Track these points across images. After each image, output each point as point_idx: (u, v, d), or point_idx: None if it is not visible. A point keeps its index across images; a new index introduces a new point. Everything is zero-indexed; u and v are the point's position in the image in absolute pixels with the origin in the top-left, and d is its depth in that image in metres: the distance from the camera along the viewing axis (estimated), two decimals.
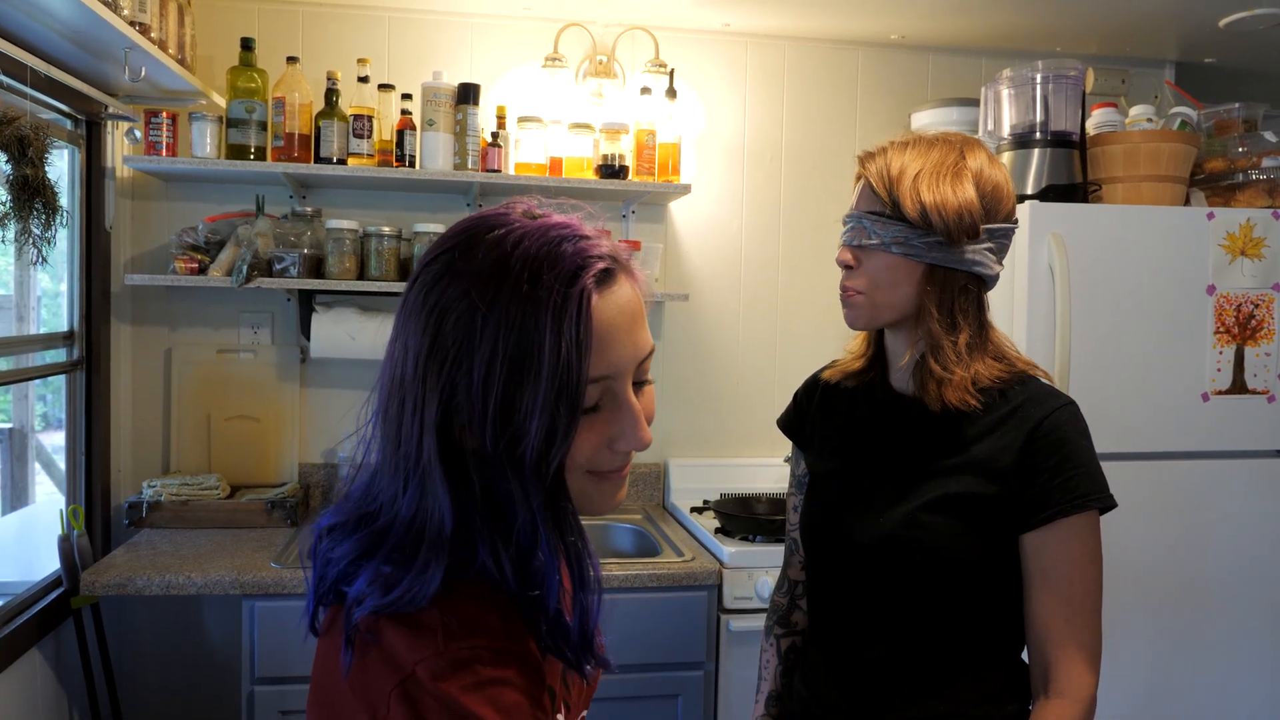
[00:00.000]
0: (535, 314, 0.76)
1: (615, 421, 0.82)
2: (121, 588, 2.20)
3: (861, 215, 1.27)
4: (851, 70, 3.15)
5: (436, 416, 0.78)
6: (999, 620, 1.27)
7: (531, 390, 0.76)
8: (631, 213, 3.01)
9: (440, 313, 0.78)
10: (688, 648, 2.39)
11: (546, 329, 0.76)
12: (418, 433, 0.79)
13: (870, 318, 1.29)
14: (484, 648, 0.77)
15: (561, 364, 0.76)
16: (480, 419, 0.77)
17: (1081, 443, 1.23)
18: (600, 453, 0.83)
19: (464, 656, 0.75)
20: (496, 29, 2.94)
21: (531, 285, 0.77)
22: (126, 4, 2.09)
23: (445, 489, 0.78)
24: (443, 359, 0.78)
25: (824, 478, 1.40)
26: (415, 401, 0.79)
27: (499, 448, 0.77)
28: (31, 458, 2.85)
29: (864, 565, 1.29)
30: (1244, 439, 2.44)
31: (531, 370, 0.76)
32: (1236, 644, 2.46)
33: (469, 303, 0.77)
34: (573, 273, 0.78)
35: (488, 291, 0.77)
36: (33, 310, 2.60)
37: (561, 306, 0.77)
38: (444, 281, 0.80)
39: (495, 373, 0.76)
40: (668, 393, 3.08)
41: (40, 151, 1.98)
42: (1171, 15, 2.76)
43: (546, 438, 0.76)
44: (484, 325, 0.77)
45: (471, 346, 0.77)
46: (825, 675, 1.36)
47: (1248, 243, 2.40)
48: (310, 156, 2.64)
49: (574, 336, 0.77)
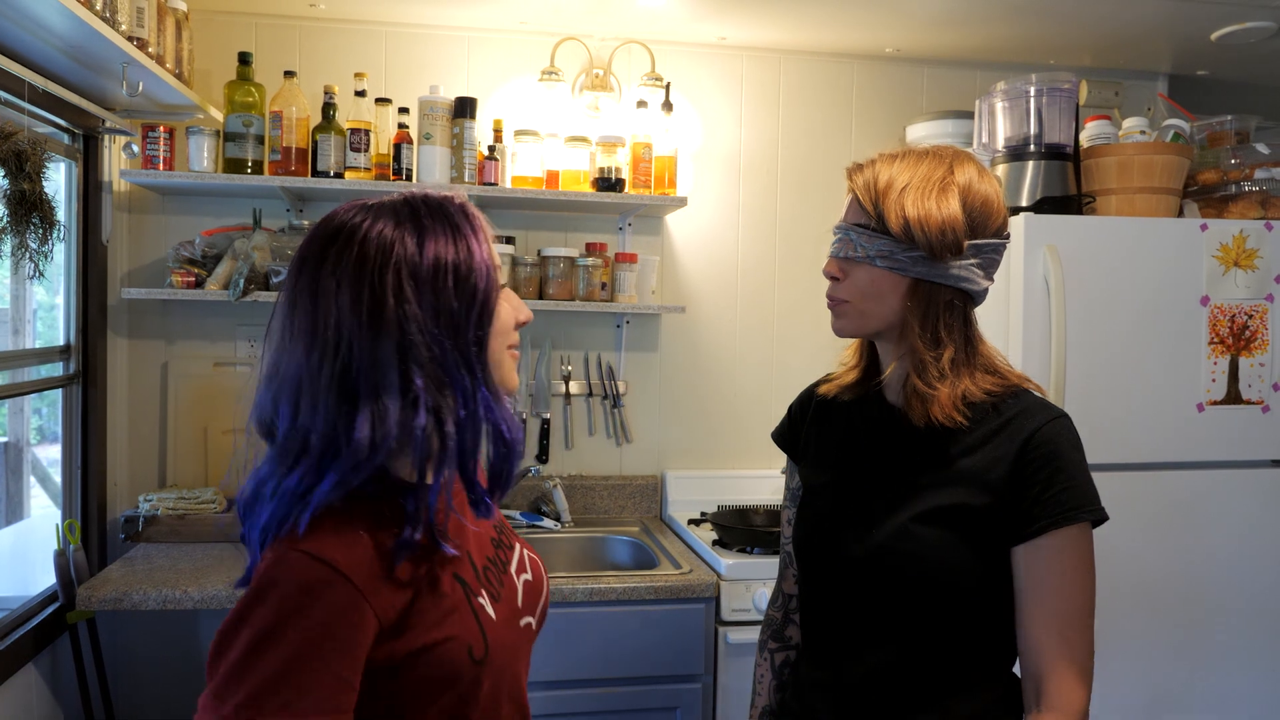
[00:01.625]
0: (461, 233, 1.01)
1: (511, 298, 1.09)
2: (118, 602, 2.19)
3: (849, 228, 1.27)
4: (847, 83, 3.17)
5: (394, 348, 0.96)
6: (992, 634, 1.26)
7: (468, 291, 0.99)
8: (628, 225, 3.02)
9: (375, 254, 0.98)
10: (685, 660, 2.39)
11: (471, 239, 1.01)
12: (368, 361, 0.96)
13: (858, 327, 1.29)
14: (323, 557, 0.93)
15: (481, 264, 1.01)
16: (434, 326, 0.97)
17: (1074, 455, 1.23)
18: (511, 326, 1.07)
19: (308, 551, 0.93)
20: (493, 43, 2.95)
21: (446, 218, 1.01)
22: (124, 19, 2.10)
23: (397, 402, 0.95)
24: (392, 301, 0.96)
25: (817, 491, 1.39)
26: (364, 337, 0.96)
27: (448, 343, 0.98)
28: (27, 471, 2.84)
29: (856, 578, 1.29)
30: (1239, 449, 2.44)
31: (467, 277, 1.00)
32: (1233, 653, 2.46)
33: (402, 239, 0.99)
34: (460, 205, 1.04)
35: (413, 231, 0.99)
36: (28, 324, 2.60)
37: (472, 225, 1.02)
38: (346, 238, 1.00)
39: (446, 285, 0.98)
40: (664, 405, 3.08)
41: (38, 166, 1.99)
42: (1164, 28, 2.78)
43: (480, 317, 1.00)
44: (422, 248, 0.98)
45: (422, 268, 0.98)
46: (818, 691, 1.36)
47: (1241, 254, 2.41)
48: (307, 170, 2.65)
49: (488, 240, 1.04)
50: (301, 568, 0.91)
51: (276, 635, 0.88)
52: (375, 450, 0.94)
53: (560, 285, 2.80)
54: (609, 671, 2.36)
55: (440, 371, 0.97)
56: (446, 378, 0.97)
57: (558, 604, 2.32)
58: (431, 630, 0.96)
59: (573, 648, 2.34)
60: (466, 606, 1.01)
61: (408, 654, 0.95)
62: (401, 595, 0.95)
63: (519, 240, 2.91)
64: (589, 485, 3.04)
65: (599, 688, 2.36)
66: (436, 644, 0.96)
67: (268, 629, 0.88)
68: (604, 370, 3.05)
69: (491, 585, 1.07)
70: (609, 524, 2.95)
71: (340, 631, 0.90)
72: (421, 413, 0.95)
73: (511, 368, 1.07)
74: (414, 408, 0.95)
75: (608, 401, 3.06)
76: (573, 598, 2.32)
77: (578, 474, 3.04)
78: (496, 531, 1.17)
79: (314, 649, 0.88)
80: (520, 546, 1.21)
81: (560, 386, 3.02)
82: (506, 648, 1.05)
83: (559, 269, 2.80)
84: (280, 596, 0.89)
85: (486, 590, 1.06)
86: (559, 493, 2.91)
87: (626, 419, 3.07)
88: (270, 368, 1.00)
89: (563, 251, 2.80)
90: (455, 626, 0.98)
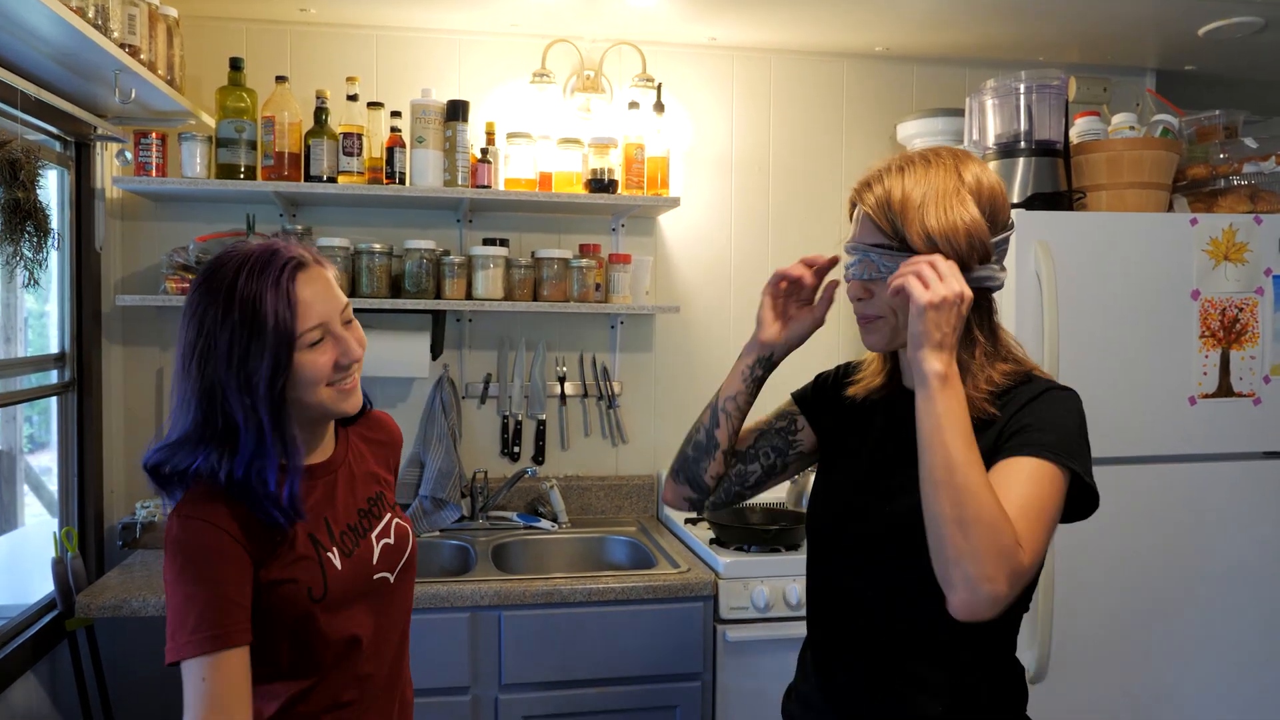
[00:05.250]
0: (260, 297, 1.23)
1: (337, 347, 1.30)
2: (116, 609, 2.20)
3: (868, 249, 1.26)
4: (837, 82, 3.18)
5: (200, 384, 1.24)
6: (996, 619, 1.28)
7: (259, 343, 1.22)
8: (621, 226, 3.03)
9: (200, 311, 1.24)
10: (684, 659, 2.40)
11: (269, 306, 1.23)
12: (188, 394, 1.25)
13: (890, 340, 1.30)
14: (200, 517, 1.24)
15: (279, 322, 1.23)
16: (226, 368, 1.22)
17: (1068, 418, 1.23)
18: (334, 370, 1.30)
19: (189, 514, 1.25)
20: (484, 46, 2.96)
21: (256, 280, 1.24)
22: (116, 26, 2.09)
23: (195, 418, 1.24)
24: (206, 342, 1.23)
25: (834, 465, 1.42)
26: (191, 375, 1.24)
27: (240, 396, 1.23)
28: (20, 480, 2.83)
29: (870, 554, 1.31)
30: (1230, 441, 2.46)
31: (259, 330, 1.22)
32: (1226, 644, 2.48)
33: (218, 299, 1.23)
34: (279, 268, 1.25)
35: (226, 289, 1.23)
36: (20, 332, 2.59)
37: (278, 289, 1.24)
38: (199, 291, 1.25)
39: (238, 338, 1.22)
40: (660, 405, 3.09)
41: (31, 175, 1.98)
42: (1152, 24, 2.79)
43: (273, 372, 1.23)
44: (225, 310, 1.22)
45: (221, 324, 1.22)
46: (821, 677, 1.38)
47: (1230, 247, 2.43)
48: (300, 175, 2.65)
49: (287, 305, 1.24)
50: (184, 527, 1.23)
51: (180, 581, 1.21)
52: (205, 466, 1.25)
53: (554, 287, 2.81)
54: (608, 671, 2.36)
55: (228, 417, 1.24)
56: (233, 423, 1.24)
57: (557, 604, 2.32)
58: (284, 570, 1.27)
59: (572, 648, 2.34)
60: (315, 559, 1.30)
61: (265, 584, 1.26)
62: (264, 545, 1.26)
63: (513, 242, 2.92)
64: (585, 486, 3.04)
65: (598, 687, 2.37)
66: (285, 581, 1.27)
67: (172, 579, 1.21)
68: (599, 371, 3.05)
69: (344, 545, 1.36)
70: (606, 524, 2.96)
71: (222, 566, 1.22)
72: (210, 450, 1.25)
73: (335, 399, 1.32)
74: (203, 444, 1.25)
75: (603, 402, 3.06)
76: (571, 598, 2.33)
77: (574, 475, 3.05)
78: (367, 504, 1.44)
79: (207, 585, 1.21)
80: (391, 517, 1.46)
81: (555, 388, 3.02)
82: (349, 593, 1.33)
83: (553, 270, 2.80)
84: (173, 552, 1.22)
85: (339, 548, 1.34)
86: (555, 494, 2.91)
87: (622, 419, 3.07)
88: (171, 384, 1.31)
89: (556, 253, 2.81)
90: (301, 572, 1.28)
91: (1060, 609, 2.34)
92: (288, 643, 1.29)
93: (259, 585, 1.26)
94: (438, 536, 2.78)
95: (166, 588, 1.22)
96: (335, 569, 1.32)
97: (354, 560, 1.36)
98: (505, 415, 3.00)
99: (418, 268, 2.72)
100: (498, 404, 3.01)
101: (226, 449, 1.25)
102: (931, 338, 1.16)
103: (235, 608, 1.21)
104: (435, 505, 2.82)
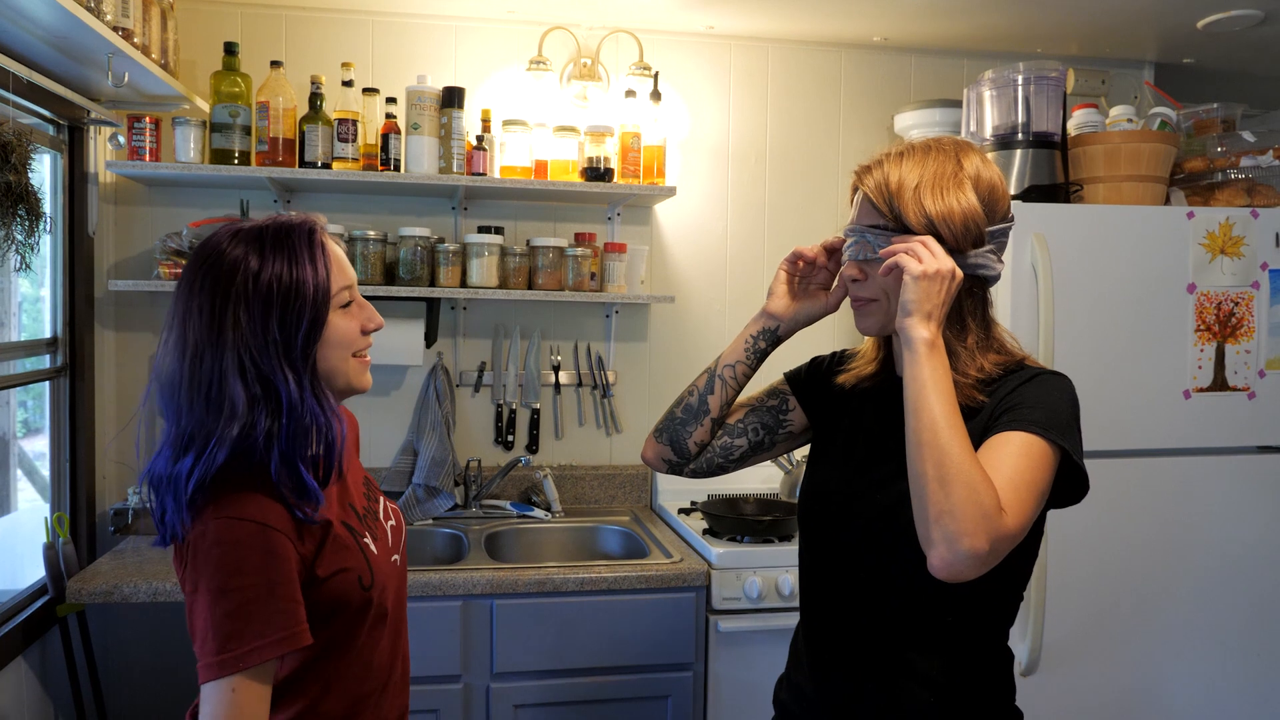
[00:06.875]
0: (295, 255, 1.21)
1: (362, 312, 1.30)
2: (108, 595, 2.19)
3: (864, 230, 1.28)
4: (834, 72, 3.17)
5: (236, 359, 1.17)
6: (988, 602, 1.28)
7: (298, 301, 1.20)
8: (617, 215, 3.02)
9: (214, 285, 1.18)
10: (677, 649, 2.40)
11: (306, 265, 1.21)
12: (219, 371, 1.18)
13: (883, 324, 1.31)
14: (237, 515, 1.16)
15: (318, 278, 1.21)
16: (263, 343, 1.18)
17: (1060, 398, 1.23)
18: (360, 336, 1.29)
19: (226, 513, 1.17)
20: (480, 32, 2.94)
21: (284, 243, 1.21)
22: (109, 9, 2.08)
23: (243, 397, 1.17)
24: (236, 310, 1.18)
25: (825, 453, 1.42)
26: (214, 351, 1.18)
27: (276, 357, 1.18)
28: (13, 464, 2.83)
29: (861, 542, 1.31)
30: (1225, 435, 2.46)
31: (298, 288, 1.20)
32: (1219, 638, 2.49)
33: (239, 268, 1.19)
34: (305, 230, 1.24)
35: (248, 257, 1.20)
36: (13, 316, 2.58)
37: (311, 250, 1.22)
38: (206, 267, 1.20)
39: (275, 299, 1.19)
40: (655, 394, 3.09)
41: (23, 158, 1.97)
42: (1150, 16, 2.79)
43: (309, 334, 1.21)
44: (254, 276, 1.18)
45: (252, 290, 1.18)
46: (813, 665, 1.39)
47: (1227, 241, 2.43)
48: (295, 161, 2.64)
49: (325, 259, 1.23)
50: (228, 529, 1.14)
51: (229, 589, 1.12)
52: (240, 440, 1.17)
53: (549, 275, 2.80)
54: (600, 661, 2.37)
55: (269, 382, 1.18)
56: (274, 387, 1.18)
57: (549, 594, 2.32)
58: (335, 561, 1.23)
59: (564, 637, 2.34)
60: (355, 547, 1.28)
61: (322, 579, 1.22)
62: (310, 540, 1.21)
63: (508, 230, 2.91)
64: (579, 475, 3.04)
65: (591, 677, 2.37)
66: (338, 572, 1.23)
67: (218, 588, 1.12)
68: (593, 360, 3.05)
69: (371, 529, 1.35)
70: (599, 514, 2.95)
71: (277, 566, 1.15)
72: (259, 416, 1.18)
73: (358, 372, 1.30)
74: (251, 412, 1.18)
75: (597, 391, 3.06)
76: (564, 587, 2.33)
77: (568, 464, 3.04)
78: (365, 485, 1.43)
79: (263, 588, 1.13)
80: (382, 497, 1.47)
81: (550, 377, 3.02)
82: (386, 576, 1.32)
83: (548, 259, 2.79)
84: (219, 557, 1.13)
85: (370, 533, 1.33)
86: (549, 483, 2.91)
87: (616, 409, 3.07)
88: (155, 373, 1.26)
89: (551, 241, 2.80)
90: (350, 560, 1.25)
91: (1052, 601, 2.35)
92: (330, 634, 1.25)
93: (315, 581, 1.21)
94: (431, 525, 2.78)
95: (204, 597, 1.12)
96: (373, 554, 1.31)
97: (380, 543, 1.36)
98: (499, 404, 3.00)
99: (412, 255, 2.71)
100: (492, 392, 3.00)
101: (269, 421, 1.19)
102: (921, 307, 1.18)
103: (297, 606, 1.16)
104: (428, 493, 2.81)
